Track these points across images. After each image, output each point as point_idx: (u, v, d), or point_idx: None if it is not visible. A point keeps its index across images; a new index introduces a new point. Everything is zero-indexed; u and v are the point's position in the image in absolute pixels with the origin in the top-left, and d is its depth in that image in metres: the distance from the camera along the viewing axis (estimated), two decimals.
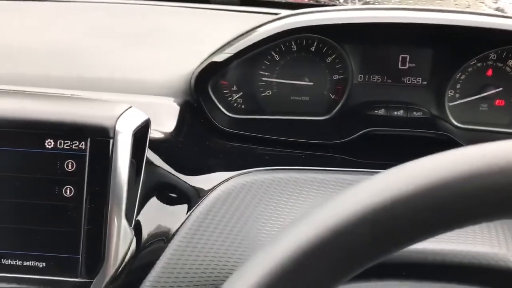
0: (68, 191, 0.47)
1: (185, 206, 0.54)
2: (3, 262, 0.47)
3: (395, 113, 0.68)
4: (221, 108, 0.69)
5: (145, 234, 0.51)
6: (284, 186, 0.56)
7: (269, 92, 0.71)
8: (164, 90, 0.66)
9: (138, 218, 0.50)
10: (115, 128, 0.47)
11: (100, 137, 0.47)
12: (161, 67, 0.70)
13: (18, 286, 0.47)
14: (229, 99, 0.71)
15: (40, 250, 0.47)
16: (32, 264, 0.47)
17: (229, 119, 0.69)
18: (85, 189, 0.47)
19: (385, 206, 0.24)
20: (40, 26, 0.76)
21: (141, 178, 0.50)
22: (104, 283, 0.46)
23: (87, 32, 0.75)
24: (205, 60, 0.64)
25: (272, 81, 0.70)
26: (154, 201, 0.52)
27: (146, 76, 0.68)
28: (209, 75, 0.65)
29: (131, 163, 0.48)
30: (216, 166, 0.59)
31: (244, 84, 0.70)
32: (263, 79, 0.70)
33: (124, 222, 0.47)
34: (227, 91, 0.70)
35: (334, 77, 0.70)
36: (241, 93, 0.71)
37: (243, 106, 0.71)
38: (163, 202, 0.53)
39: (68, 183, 0.47)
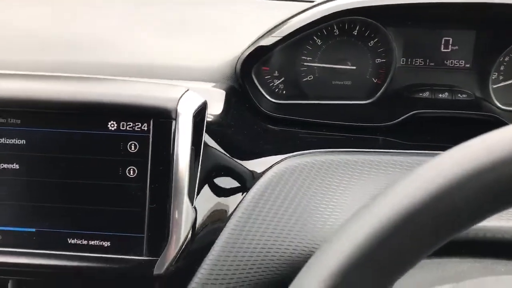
0: (131, 172, 0.49)
1: (240, 187, 0.55)
2: (69, 242, 0.49)
3: (440, 95, 0.69)
4: (264, 93, 0.70)
5: (203, 214, 0.52)
6: (336, 168, 0.57)
7: (310, 77, 0.72)
8: (208, 76, 0.67)
9: (197, 198, 0.52)
10: (176, 109, 0.49)
11: (163, 118, 0.48)
12: (203, 53, 0.71)
13: (84, 264, 0.49)
14: (270, 84, 0.72)
15: (105, 229, 0.49)
16: (98, 243, 0.49)
17: (273, 104, 0.70)
18: (149, 170, 0.49)
19: (485, 171, 0.25)
20: (80, 15, 0.78)
21: (200, 159, 0.51)
22: (169, 262, 0.48)
23: (127, 21, 0.77)
24: (251, 45, 0.65)
25: (313, 66, 0.72)
26: (210, 182, 0.54)
27: (190, 62, 0.69)
28: (255, 59, 0.66)
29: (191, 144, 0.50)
30: (266, 149, 0.61)
31: (286, 69, 0.71)
32: (305, 64, 0.71)
33: (187, 201, 0.49)
34: (269, 76, 0.72)
35: (377, 60, 0.71)
36: (283, 79, 0.72)
37: (284, 92, 0.72)
38: (219, 183, 0.55)
39: (131, 164, 0.49)
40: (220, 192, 0.54)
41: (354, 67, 0.71)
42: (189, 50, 0.72)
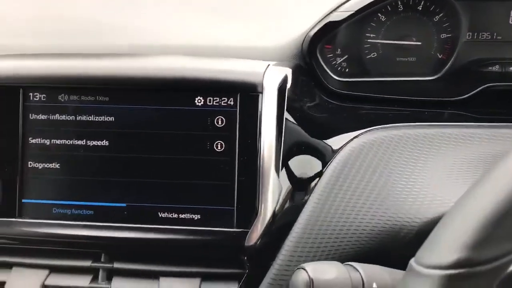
0: (219, 146, 0.50)
1: (319, 162, 0.56)
2: (160, 216, 0.51)
3: (511, 68, 0.68)
4: (328, 71, 0.71)
5: (286, 187, 0.53)
6: (414, 141, 0.58)
7: (374, 54, 0.72)
8: (273, 55, 0.68)
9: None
10: (262, 83, 0.50)
11: (250, 92, 0.49)
12: (267, 34, 0.72)
13: (175, 236, 0.50)
14: (333, 63, 0.72)
15: (194, 203, 0.51)
16: (188, 217, 0.51)
17: (338, 81, 0.70)
18: (237, 143, 0.50)
19: None
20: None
21: (283, 132, 0.52)
22: (260, 233, 0.49)
23: (189, 5, 0.78)
24: (317, 23, 0.66)
25: (377, 43, 0.71)
26: (291, 157, 0.55)
27: (254, 42, 0.70)
28: (323, 36, 0.66)
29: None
30: (339, 125, 0.61)
31: (350, 47, 0.71)
32: (369, 41, 0.71)
33: (274, 174, 0.50)
34: (331, 55, 0.72)
35: (442, 35, 0.71)
36: (346, 56, 0.72)
37: (347, 70, 0.73)
38: (299, 158, 0.55)
39: (219, 138, 0.50)
40: (300, 166, 0.55)
41: (419, 43, 0.71)
42: (252, 31, 0.72)
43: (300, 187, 0.54)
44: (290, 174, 0.54)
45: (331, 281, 0.40)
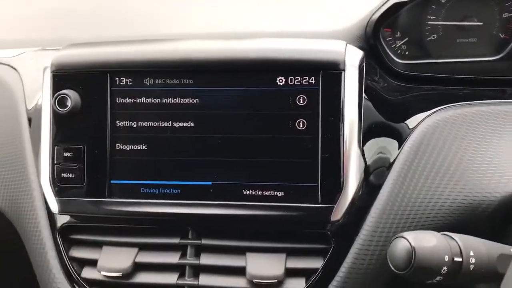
0: (301, 124, 0.51)
1: (396, 140, 0.56)
2: (244, 193, 0.52)
3: None
4: (390, 53, 0.71)
5: (367, 164, 0.54)
6: (487, 118, 0.58)
7: (434, 36, 0.72)
8: (337, 39, 0.69)
9: None
10: (345, 61, 0.50)
11: (332, 70, 0.50)
12: (329, 18, 0.72)
13: (261, 212, 0.51)
14: (392, 46, 0.72)
15: (278, 180, 0.52)
16: (272, 194, 0.52)
17: (401, 63, 0.70)
18: (320, 121, 0.50)
19: None
20: None
21: (362, 110, 0.53)
22: (345, 208, 0.50)
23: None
24: (383, 4, 0.66)
25: (438, 25, 0.71)
26: (369, 134, 0.55)
27: (316, 27, 0.71)
28: (386, 18, 0.66)
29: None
30: (410, 104, 0.61)
31: (409, 30, 0.71)
32: (429, 23, 0.71)
33: (358, 150, 0.50)
34: (390, 38, 0.72)
35: (504, 15, 0.70)
36: (406, 39, 0.72)
37: (407, 53, 0.72)
38: (377, 136, 0.56)
39: (300, 116, 0.51)
40: (378, 143, 0.56)
41: (480, 23, 0.70)
42: (314, 16, 0.73)
43: (379, 164, 0.55)
44: (369, 151, 0.55)
45: (431, 248, 0.40)
